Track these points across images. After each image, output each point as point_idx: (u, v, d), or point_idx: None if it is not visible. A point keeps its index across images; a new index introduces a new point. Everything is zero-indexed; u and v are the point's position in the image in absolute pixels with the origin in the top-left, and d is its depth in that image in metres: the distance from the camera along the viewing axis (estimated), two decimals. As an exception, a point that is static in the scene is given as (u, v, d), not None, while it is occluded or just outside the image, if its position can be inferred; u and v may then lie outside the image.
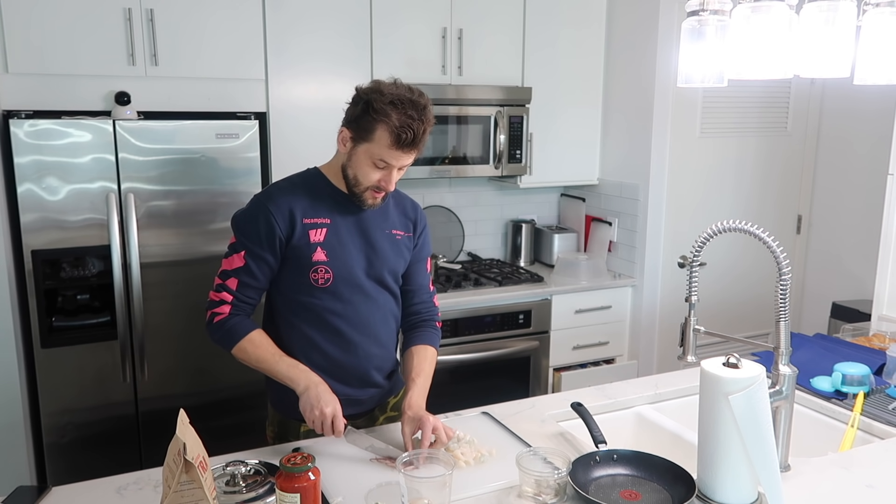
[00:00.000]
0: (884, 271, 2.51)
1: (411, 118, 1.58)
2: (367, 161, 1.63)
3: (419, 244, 1.86)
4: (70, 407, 2.63)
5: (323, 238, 1.69)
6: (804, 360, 2.09)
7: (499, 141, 3.38)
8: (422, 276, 1.88)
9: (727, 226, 1.52)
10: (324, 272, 1.69)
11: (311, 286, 1.70)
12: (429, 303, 1.89)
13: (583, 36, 3.56)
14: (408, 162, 1.66)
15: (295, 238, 1.67)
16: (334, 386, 1.68)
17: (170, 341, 2.73)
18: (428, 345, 1.82)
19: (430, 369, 1.78)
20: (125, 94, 2.66)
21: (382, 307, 1.79)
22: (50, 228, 2.51)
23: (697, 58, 1.63)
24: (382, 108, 1.57)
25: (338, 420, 1.57)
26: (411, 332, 1.86)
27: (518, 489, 1.44)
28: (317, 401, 1.58)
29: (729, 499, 1.35)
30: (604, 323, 3.53)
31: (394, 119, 1.57)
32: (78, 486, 1.49)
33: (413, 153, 1.64)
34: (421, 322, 1.87)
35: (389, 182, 1.66)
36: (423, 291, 1.88)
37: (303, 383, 1.62)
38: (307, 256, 1.68)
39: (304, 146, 3.02)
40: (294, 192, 1.72)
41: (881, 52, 1.52)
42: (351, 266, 1.71)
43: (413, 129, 1.58)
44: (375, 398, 1.86)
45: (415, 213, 1.86)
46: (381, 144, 1.60)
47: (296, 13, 2.97)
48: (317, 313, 1.72)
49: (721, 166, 3.67)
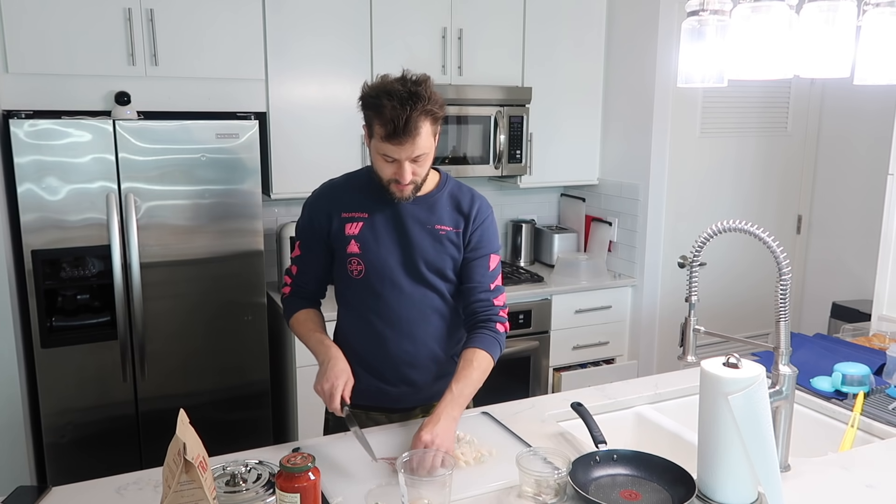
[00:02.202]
0: (884, 271, 2.51)
1: (395, 108, 1.54)
2: (377, 156, 1.64)
3: (474, 240, 1.77)
4: (70, 407, 2.63)
5: (358, 231, 1.73)
6: (804, 360, 2.09)
7: (499, 141, 3.38)
8: (480, 274, 1.77)
9: (727, 226, 1.52)
10: (356, 264, 1.74)
11: (349, 278, 1.76)
12: (487, 302, 1.76)
13: (583, 36, 3.56)
14: (413, 153, 1.59)
15: (333, 231, 1.76)
16: (367, 378, 1.75)
17: (170, 341, 2.73)
18: (478, 348, 1.69)
19: (476, 374, 1.66)
20: (125, 94, 2.66)
21: (419, 303, 1.75)
22: (50, 228, 2.51)
23: (697, 58, 1.63)
24: (371, 102, 1.59)
25: (335, 397, 1.58)
26: (469, 333, 1.76)
27: (518, 489, 1.44)
28: (322, 375, 1.62)
29: (729, 499, 1.35)
30: (604, 323, 3.53)
31: (383, 111, 1.55)
32: (78, 486, 1.49)
33: (410, 144, 1.57)
34: (478, 323, 1.75)
35: (402, 175, 1.61)
36: (481, 290, 1.76)
37: (321, 357, 1.68)
38: (343, 249, 1.75)
39: (305, 146, 3.02)
40: (338, 188, 1.80)
41: (881, 52, 1.52)
42: (384, 259, 1.72)
43: (397, 119, 1.54)
44: (412, 398, 1.81)
45: (470, 208, 1.77)
46: (378, 138, 1.60)
47: (296, 12, 2.97)
48: (354, 304, 1.79)
49: (721, 166, 3.67)
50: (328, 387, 1.59)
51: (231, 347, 2.83)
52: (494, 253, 1.80)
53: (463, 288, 1.79)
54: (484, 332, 1.73)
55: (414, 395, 1.82)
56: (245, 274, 2.80)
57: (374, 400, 1.80)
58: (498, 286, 1.80)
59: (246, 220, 2.78)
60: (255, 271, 2.83)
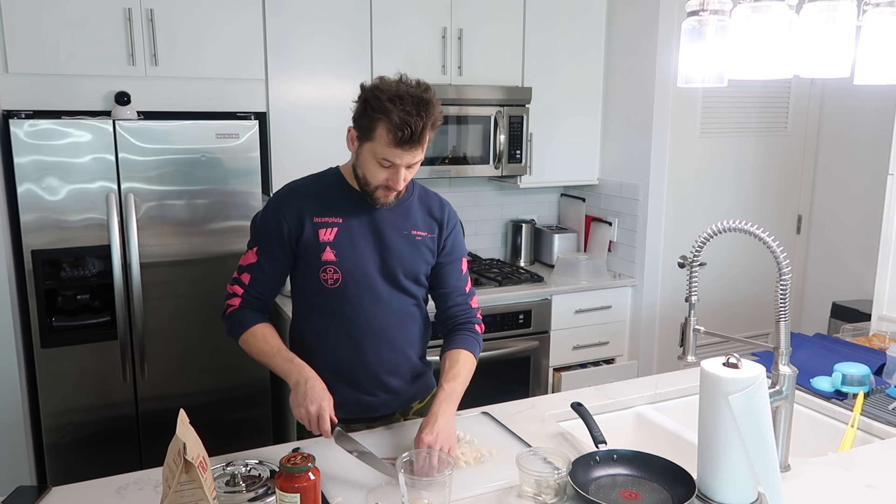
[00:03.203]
0: (884, 271, 2.51)
1: (409, 114, 1.51)
2: (373, 160, 1.59)
3: (448, 245, 1.78)
4: (70, 407, 2.63)
5: (333, 237, 1.67)
6: (804, 360, 2.09)
7: (499, 141, 3.38)
8: (455, 278, 1.79)
9: (727, 226, 1.52)
10: (333, 272, 1.67)
11: (321, 286, 1.69)
12: (464, 305, 1.80)
13: (583, 36, 3.56)
14: (413, 160, 1.59)
15: (304, 237, 1.67)
16: (344, 390, 1.68)
17: (170, 341, 2.73)
18: (463, 349, 1.72)
19: (465, 372, 1.68)
20: (125, 94, 2.66)
21: (398, 310, 1.74)
22: (50, 228, 2.51)
23: (697, 58, 1.63)
24: (381, 106, 1.53)
25: (323, 420, 1.51)
26: (448, 336, 1.78)
27: (518, 489, 1.44)
28: (303, 398, 1.53)
29: (729, 499, 1.35)
30: (604, 323, 3.53)
31: (393, 116, 1.51)
32: (78, 486, 1.49)
33: (416, 151, 1.57)
34: (457, 326, 1.78)
35: (397, 181, 1.60)
36: (458, 294, 1.79)
37: (293, 378, 1.57)
38: (316, 256, 1.67)
39: (305, 146, 3.02)
40: (307, 191, 1.72)
41: (881, 52, 1.52)
42: (362, 267, 1.68)
43: (411, 125, 1.51)
44: (392, 404, 1.81)
45: (442, 213, 1.78)
46: (382, 143, 1.55)
47: (296, 12, 2.97)
48: (327, 314, 1.71)
49: (721, 166, 3.67)
50: (314, 409, 1.51)
51: (231, 347, 2.78)
52: (464, 257, 1.84)
53: (438, 293, 1.80)
54: (465, 333, 1.76)
55: (393, 402, 1.81)
56: (245, 274, 2.79)
57: (352, 412, 1.74)
58: (471, 289, 1.84)
59: (246, 221, 2.77)
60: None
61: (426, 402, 1.87)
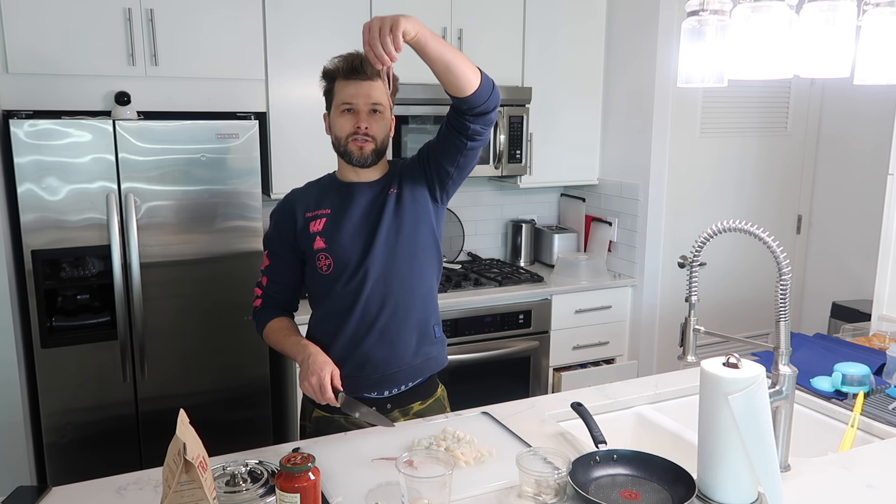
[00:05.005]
0: (884, 271, 2.51)
1: (350, 55, 1.72)
2: (337, 115, 1.73)
3: (410, 166, 1.80)
4: (70, 407, 2.63)
5: (322, 227, 1.77)
6: (804, 360, 2.09)
7: (499, 141, 3.38)
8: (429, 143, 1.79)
9: (727, 226, 1.52)
10: (324, 258, 1.76)
11: (320, 276, 1.78)
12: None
13: (583, 36, 3.56)
14: (369, 97, 1.69)
15: (298, 233, 1.79)
16: (353, 381, 1.74)
17: (170, 341, 2.73)
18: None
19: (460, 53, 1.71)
20: (125, 94, 2.66)
21: (399, 285, 1.76)
22: (50, 228, 2.51)
23: (697, 58, 1.63)
24: (327, 71, 1.76)
25: (325, 388, 1.59)
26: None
27: (518, 489, 1.44)
28: (306, 371, 1.63)
29: (729, 499, 1.35)
30: (604, 323, 3.53)
31: (337, 63, 1.73)
32: (78, 486, 1.49)
33: (366, 85, 1.69)
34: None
35: (360, 122, 1.70)
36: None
37: (299, 357, 1.68)
38: (311, 247, 1.78)
39: (305, 146, 3.02)
40: (301, 193, 1.85)
41: (881, 52, 1.52)
42: (349, 248, 1.74)
43: (352, 59, 1.70)
44: (399, 376, 1.80)
45: (395, 165, 1.84)
46: (337, 91, 1.73)
47: (296, 13, 2.97)
48: (328, 302, 1.79)
49: (721, 166, 3.67)
50: (315, 380, 1.61)
51: (231, 347, 2.83)
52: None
53: (435, 144, 1.77)
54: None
55: (400, 375, 1.80)
56: (245, 274, 2.79)
57: (358, 390, 1.77)
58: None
59: (246, 220, 2.78)
60: (254, 271, 2.78)
61: (428, 403, 1.88)
